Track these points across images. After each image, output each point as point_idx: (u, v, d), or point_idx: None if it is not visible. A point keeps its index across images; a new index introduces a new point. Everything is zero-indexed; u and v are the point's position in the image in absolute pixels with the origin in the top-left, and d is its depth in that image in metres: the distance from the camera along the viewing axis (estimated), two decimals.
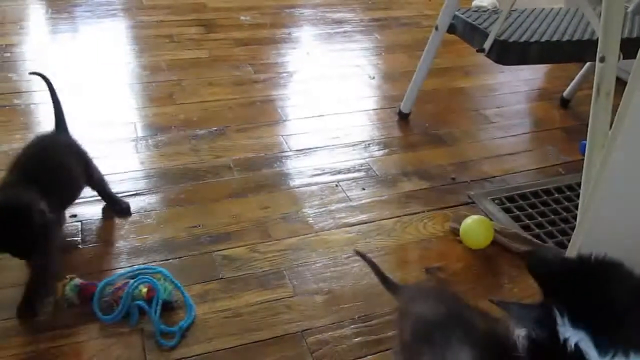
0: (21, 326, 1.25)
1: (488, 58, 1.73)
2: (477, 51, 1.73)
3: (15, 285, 1.31)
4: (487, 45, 1.70)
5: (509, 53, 1.72)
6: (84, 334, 1.24)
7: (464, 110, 2.29)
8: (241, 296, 1.35)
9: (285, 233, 1.55)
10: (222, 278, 1.40)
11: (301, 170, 1.81)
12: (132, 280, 1.30)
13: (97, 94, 2.22)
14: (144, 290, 1.29)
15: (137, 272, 1.37)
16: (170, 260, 1.44)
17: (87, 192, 1.64)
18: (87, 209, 1.58)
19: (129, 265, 1.42)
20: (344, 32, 2.87)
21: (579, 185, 1.32)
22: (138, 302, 1.27)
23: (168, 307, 1.30)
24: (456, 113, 2.26)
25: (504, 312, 0.80)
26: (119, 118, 2.05)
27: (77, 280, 1.31)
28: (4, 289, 1.33)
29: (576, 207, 1.68)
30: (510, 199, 1.74)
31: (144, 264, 1.42)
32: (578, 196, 1.75)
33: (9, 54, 2.41)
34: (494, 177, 1.85)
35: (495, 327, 0.93)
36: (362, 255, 1.25)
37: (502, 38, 1.70)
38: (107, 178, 1.70)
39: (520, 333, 0.80)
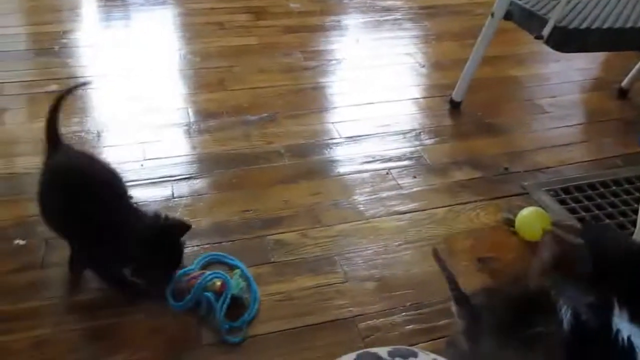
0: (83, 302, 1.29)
1: (546, 45, 1.68)
2: (536, 38, 1.68)
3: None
4: (546, 32, 1.65)
5: (568, 40, 1.67)
6: (141, 312, 1.27)
7: (517, 100, 2.24)
8: (293, 280, 1.36)
9: (336, 219, 1.55)
10: (273, 262, 1.41)
11: (352, 158, 1.80)
12: (207, 272, 1.30)
13: (150, 79, 2.25)
14: (218, 283, 1.28)
15: (213, 259, 1.39)
16: (223, 243, 1.46)
17: (141, 174, 1.69)
18: (141, 191, 1.61)
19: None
20: (394, 19, 2.84)
21: (639, 178, 1.28)
22: (207, 293, 1.26)
23: (238, 303, 1.28)
24: (509, 102, 2.22)
25: (557, 290, 0.79)
26: (171, 103, 2.08)
27: None
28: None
29: (636, 201, 1.63)
30: (566, 191, 1.70)
31: (197, 245, 1.44)
32: (638, 189, 1.70)
33: (66, 40, 2.47)
34: (549, 167, 1.81)
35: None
36: (439, 259, 1.10)
37: (561, 25, 1.65)
38: (160, 162, 1.75)
39: (568, 312, 0.79)
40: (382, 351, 0.60)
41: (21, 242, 1.43)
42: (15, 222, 1.49)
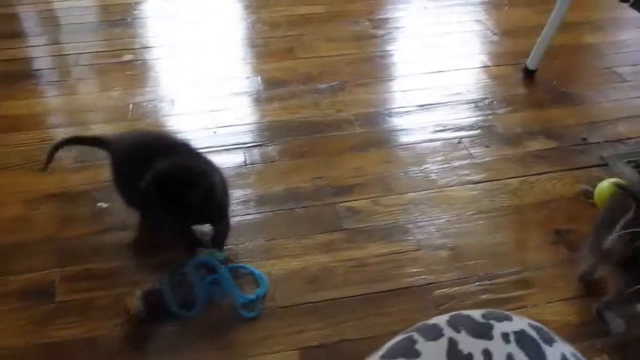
0: None
1: (632, 9, 1.60)
2: (621, 1, 1.60)
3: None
4: None
5: None
6: None
7: (595, 68, 2.15)
8: (366, 247, 1.37)
9: (407, 187, 1.54)
10: (346, 229, 1.42)
11: (422, 126, 1.78)
12: (188, 270, 1.23)
13: (219, 48, 2.28)
14: (202, 271, 1.24)
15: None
16: (296, 210, 1.48)
17: (215, 141, 1.72)
18: (214, 158, 1.61)
19: (257, 212, 1.47)
20: None
21: None
22: (211, 276, 1.23)
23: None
24: (586, 70, 2.13)
25: None
26: (241, 72, 2.11)
27: (140, 290, 1.21)
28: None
29: None
30: None
31: (270, 211, 1.47)
32: None
33: (137, 11, 2.53)
34: (630, 138, 1.73)
35: None
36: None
37: None
38: (232, 129, 1.78)
39: None
40: (476, 314, 0.59)
41: (104, 205, 1.49)
42: (97, 186, 1.55)
